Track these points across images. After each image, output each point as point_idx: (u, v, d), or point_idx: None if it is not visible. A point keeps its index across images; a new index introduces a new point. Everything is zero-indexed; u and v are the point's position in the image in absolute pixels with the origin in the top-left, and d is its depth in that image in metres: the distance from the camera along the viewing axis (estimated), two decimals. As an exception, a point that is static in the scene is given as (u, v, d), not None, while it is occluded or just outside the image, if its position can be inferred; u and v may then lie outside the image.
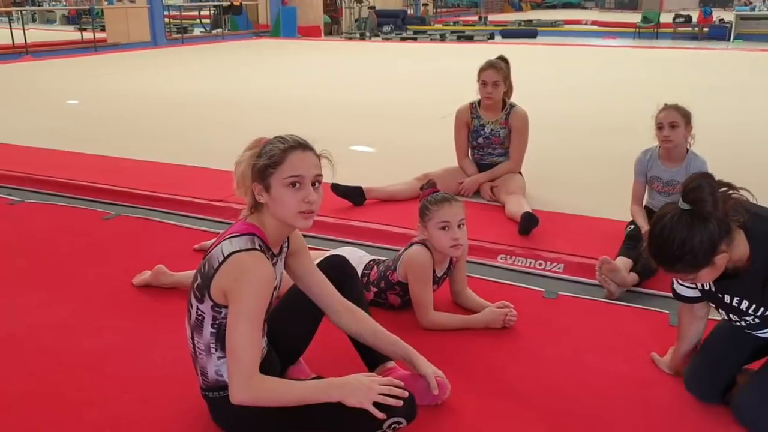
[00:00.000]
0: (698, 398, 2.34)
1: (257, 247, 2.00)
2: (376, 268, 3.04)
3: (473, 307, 2.96)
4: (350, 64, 13.94)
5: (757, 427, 2.16)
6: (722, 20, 20.68)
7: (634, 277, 3.26)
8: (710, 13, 20.65)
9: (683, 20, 21.30)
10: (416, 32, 21.98)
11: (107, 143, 6.30)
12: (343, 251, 2.98)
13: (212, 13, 22.56)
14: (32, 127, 7.20)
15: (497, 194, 4.43)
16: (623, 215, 3.80)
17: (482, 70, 4.44)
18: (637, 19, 22.46)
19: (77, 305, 3.10)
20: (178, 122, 7.54)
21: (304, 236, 2.30)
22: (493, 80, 4.39)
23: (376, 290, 2.99)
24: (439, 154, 5.03)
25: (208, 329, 2.03)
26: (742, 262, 2.06)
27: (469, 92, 4.68)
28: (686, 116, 3.54)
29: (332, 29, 22.95)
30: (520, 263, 3.60)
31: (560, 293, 3.23)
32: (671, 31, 20.91)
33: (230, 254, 1.97)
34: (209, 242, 3.42)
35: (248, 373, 1.92)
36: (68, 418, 2.28)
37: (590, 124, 7.21)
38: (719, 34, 19.70)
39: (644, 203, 3.78)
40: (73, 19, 23.50)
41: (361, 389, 1.96)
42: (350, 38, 21.38)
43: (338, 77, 11.69)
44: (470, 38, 20.44)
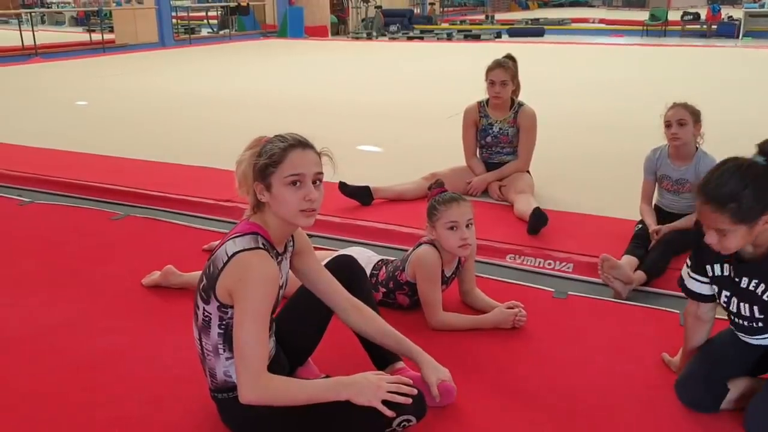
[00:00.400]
0: (687, 405, 2.31)
1: (261, 246, 2.00)
2: (384, 268, 3.04)
3: (482, 307, 2.96)
4: (357, 63, 13.95)
5: None
6: (731, 17, 20.60)
7: (641, 275, 3.24)
8: (719, 10, 20.55)
9: (691, 18, 21.23)
10: (423, 31, 21.99)
11: (116, 144, 6.32)
12: (351, 251, 2.98)
13: (220, 13, 22.64)
14: (41, 128, 7.23)
15: (506, 193, 4.42)
16: (633, 214, 3.79)
17: (490, 69, 4.43)
18: (644, 17, 22.37)
19: (86, 305, 3.11)
20: (186, 123, 7.56)
21: (311, 236, 2.30)
22: (501, 79, 4.38)
23: (384, 290, 2.99)
24: (446, 153, 5.03)
25: (215, 330, 2.03)
26: (763, 248, 2.08)
27: (476, 91, 4.67)
28: (695, 114, 3.51)
29: (339, 29, 22.98)
30: (529, 263, 3.59)
31: (570, 293, 3.22)
32: (679, 28, 20.82)
33: (234, 254, 1.97)
34: (218, 242, 3.42)
35: (257, 372, 1.92)
36: (77, 418, 2.28)
37: (599, 122, 7.19)
38: (728, 31, 19.62)
39: (654, 202, 3.77)
40: (81, 20, 23.59)
41: (369, 388, 1.95)
42: (357, 38, 21.38)
43: (345, 77, 11.69)
44: (477, 37, 20.43)
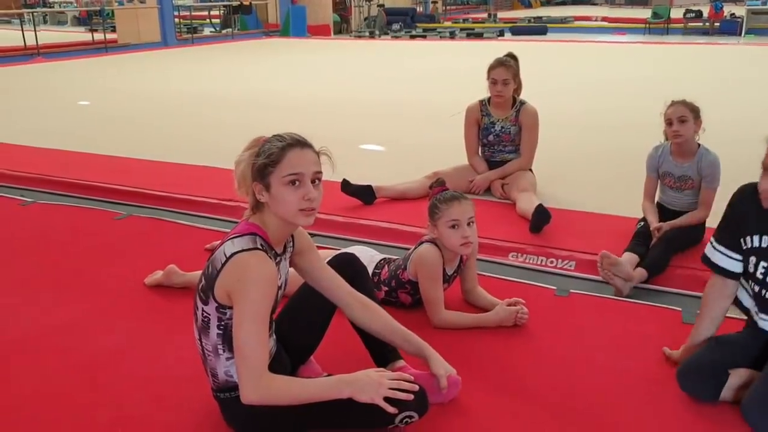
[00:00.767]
0: (688, 392, 2.32)
1: (259, 246, 1.99)
2: (386, 267, 3.04)
3: (484, 305, 2.96)
4: (360, 62, 13.95)
5: (764, 428, 2.14)
6: (733, 15, 20.58)
7: (641, 272, 3.24)
8: (721, 7, 20.52)
9: (694, 15, 21.21)
10: (425, 30, 22.00)
11: (118, 144, 6.33)
12: (353, 250, 2.98)
13: (222, 12, 22.65)
14: (44, 128, 7.24)
15: (508, 192, 4.42)
16: (635, 212, 3.79)
17: (492, 68, 4.43)
18: (647, 14, 22.33)
19: (89, 305, 3.11)
20: (188, 122, 7.57)
21: (314, 235, 2.30)
22: (502, 78, 4.38)
23: (387, 289, 2.99)
24: (449, 152, 5.03)
25: (214, 331, 2.03)
26: None
27: (478, 90, 4.67)
28: (695, 111, 3.52)
29: (342, 28, 22.99)
30: (531, 261, 3.59)
31: (572, 291, 3.22)
32: (682, 26, 20.80)
33: (232, 255, 1.97)
34: (218, 242, 3.42)
35: (258, 372, 1.92)
36: (80, 417, 2.29)
37: (601, 120, 7.18)
38: (730, 29, 19.59)
39: (656, 199, 3.76)
40: (83, 20, 23.63)
41: (371, 385, 1.95)
42: (360, 37, 21.39)
43: (348, 76, 11.70)
44: (480, 36, 20.43)
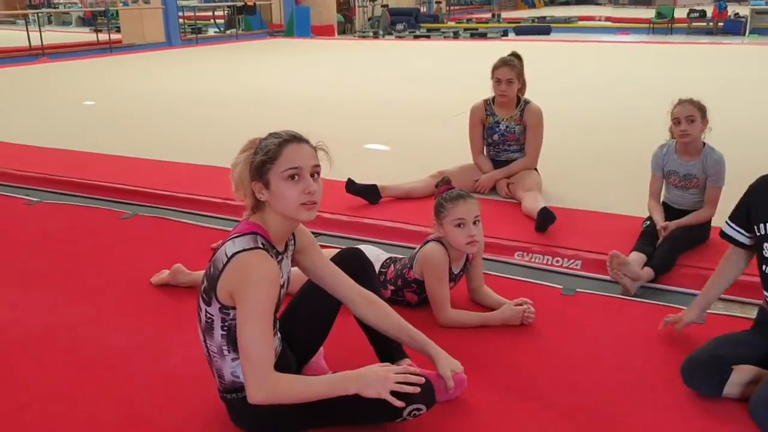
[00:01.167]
0: (691, 386, 2.33)
1: (260, 245, 1.99)
2: (392, 266, 3.04)
3: (490, 304, 2.96)
4: (364, 62, 13.96)
5: None
6: (737, 14, 20.53)
7: (649, 272, 3.24)
8: (725, 7, 20.48)
9: (697, 15, 21.18)
10: (429, 30, 22.01)
11: (124, 143, 6.34)
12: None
13: (226, 13, 22.66)
14: (49, 128, 7.26)
15: (513, 191, 4.42)
16: (640, 211, 3.79)
17: (496, 67, 4.43)
18: (651, 14, 22.32)
19: (95, 304, 3.12)
20: (193, 122, 7.58)
21: (319, 234, 2.29)
22: (507, 78, 4.38)
23: (393, 288, 2.99)
24: (454, 151, 5.03)
25: (218, 332, 2.03)
26: None
27: (483, 89, 4.67)
28: (702, 110, 3.53)
29: (346, 28, 23.00)
30: (537, 260, 3.59)
31: (578, 290, 3.21)
32: (685, 26, 20.77)
33: (233, 255, 1.96)
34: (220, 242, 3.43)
35: (263, 373, 1.92)
36: (86, 416, 2.29)
37: (605, 119, 7.18)
38: (734, 28, 19.55)
39: (662, 198, 3.76)
40: (88, 20, 23.66)
41: (377, 380, 1.94)
42: (364, 37, 21.39)
43: (352, 76, 11.70)
44: (483, 35, 20.43)
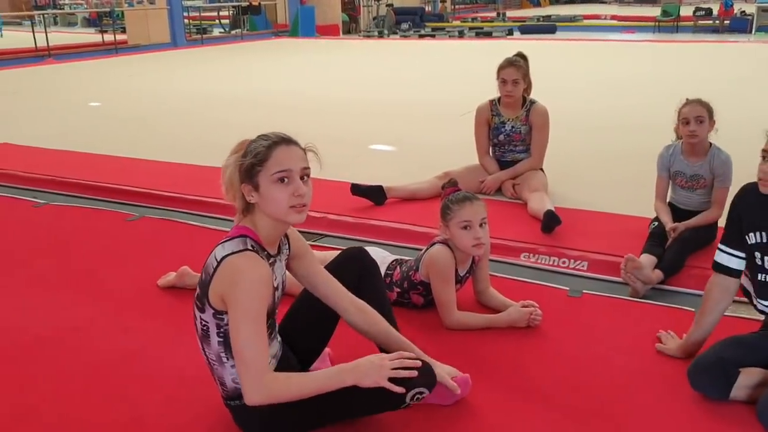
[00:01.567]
0: (698, 389, 2.32)
1: (249, 248, 1.98)
2: (398, 268, 3.04)
3: (497, 306, 2.95)
4: (369, 62, 13.96)
5: None
6: (743, 12, 20.48)
7: (659, 274, 3.24)
8: (731, 5, 20.42)
9: (703, 13, 21.13)
10: (434, 29, 22.01)
11: (130, 145, 6.36)
12: (365, 251, 2.98)
13: (231, 13, 22.69)
14: (55, 129, 7.28)
15: (519, 192, 4.41)
16: (646, 212, 3.78)
17: (501, 68, 4.42)
18: (656, 12, 22.26)
19: (102, 307, 3.13)
20: (199, 123, 7.58)
21: (325, 236, 2.29)
22: (512, 78, 4.37)
23: (399, 290, 2.99)
24: (459, 152, 5.02)
25: (214, 339, 2.02)
26: None
27: (488, 89, 4.66)
28: (710, 110, 3.53)
29: (350, 28, 23.00)
30: (543, 261, 3.58)
31: (585, 291, 3.21)
32: (691, 24, 20.73)
33: (223, 258, 1.96)
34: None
35: (259, 374, 1.91)
36: (93, 418, 2.30)
37: (611, 119, 7.15)
38: (740, 26, 19.50)
39: (668, 199, 3.75)
40: (93, 21, 23.72)
41: (372, 368, 1.95)
42: (368, 36, 21.39)
43: (357, 76, 11.70)
44: (489, 35, 20.41)
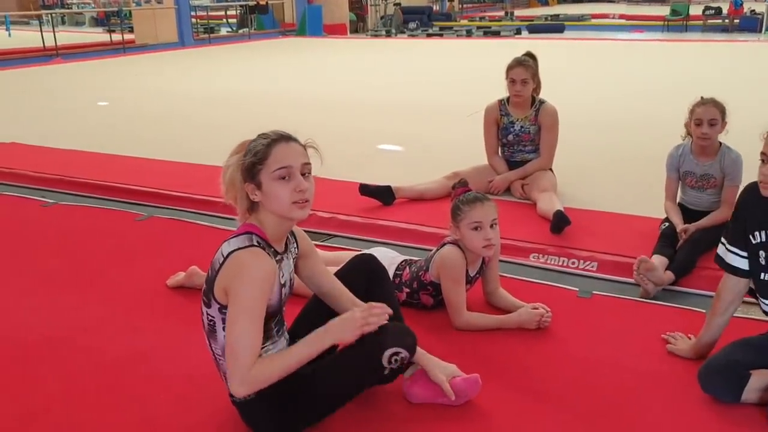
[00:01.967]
0: (709, 392, 2.31)
1: (255, 243, 2.01)
2: (408, 268, 3.03)
3: (507, 306, 2.94)
4: (376, 61, 13.95)
5: None
6: (753, 11, 20.38)
7: (670, 275, 3.22)
8: (741, 4, 20.33)
9: (713, 12, 21.04)
10: (442, 28, 21.99)
11: (138, 144, 6.37)
12: (375, 251, 2.97)
13: (239, 12, 22.72)
14: (63, 129, 7.30)
15: (528, 192, 4.40)
16: (656, 212, 3.76)
17: (510, 68, 4.41)
18: (665, 12, 22.19)
19: (111, 306, 3.13)
20: (207, 122, 7.59)
21: (333, 236, 2.29)
22: (521, 78, 4.36)
23: (408, 291, 2.98)
24: (467, 151, 5.01)
25: (221, 333, 2.04)
26: None
27: (497, 89, 4.65)
28: (723, 111, 3.51)
29: (358, 27, 23.01)
30: (553, 262, 3.57)
31: (594, 292, 3.19)
32: (701, 23, 20.65)
33: (229, 254, 1.99)
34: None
35: (246, 367, 1.94)
36: (104, 418, 2.30)
37: (620, 119, 7.12)
38: (750, 25, 19.41)
39: (678, 200, 3.73)
40: (101, 21, 23.81)
41: (345, 323, 2.04)
42: (376, 36, 21.38)
43: (365, 75, 11.70)
44: (497, 34, 20.37)
